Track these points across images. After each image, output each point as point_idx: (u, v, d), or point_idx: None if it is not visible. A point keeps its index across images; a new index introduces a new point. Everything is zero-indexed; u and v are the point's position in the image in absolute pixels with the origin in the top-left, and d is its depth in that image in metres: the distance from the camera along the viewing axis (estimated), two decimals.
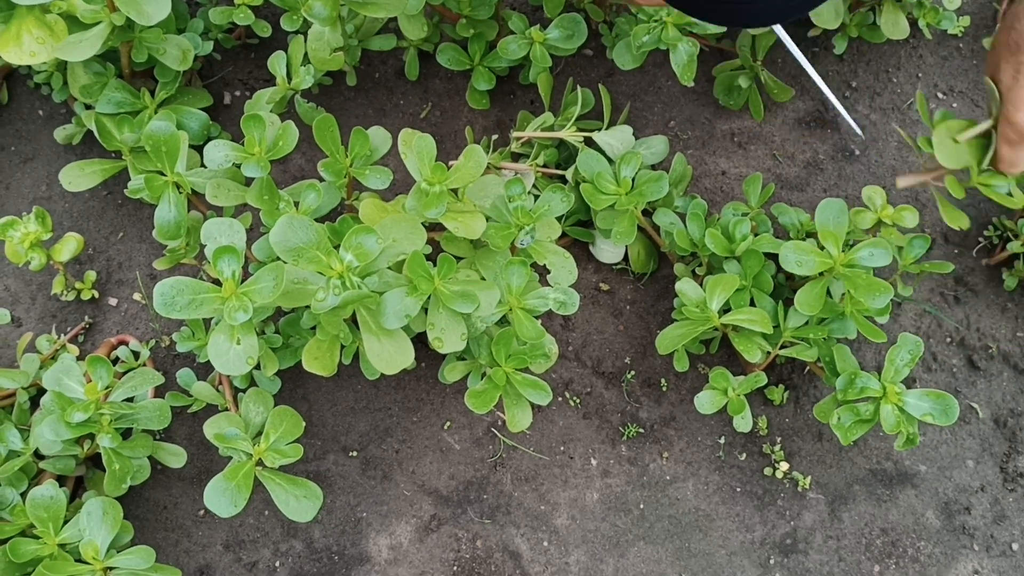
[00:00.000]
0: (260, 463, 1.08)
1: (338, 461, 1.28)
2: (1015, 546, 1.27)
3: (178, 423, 1.28)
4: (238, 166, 1.13)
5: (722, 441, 1.31)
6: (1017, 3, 0.98)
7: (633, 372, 1.33)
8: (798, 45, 1.50)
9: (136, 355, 1.27)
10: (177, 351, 1.27)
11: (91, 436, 1.10)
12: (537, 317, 1.28)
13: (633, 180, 1.23)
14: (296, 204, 1.15)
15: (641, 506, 1.27)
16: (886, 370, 1.13)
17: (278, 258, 1.00)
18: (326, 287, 0.99)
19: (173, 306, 0.99)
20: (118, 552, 1.03)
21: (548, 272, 1.18)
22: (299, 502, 1.08)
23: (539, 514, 1.26)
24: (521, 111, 1.41)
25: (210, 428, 1.11)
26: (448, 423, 1.30)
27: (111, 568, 1.02)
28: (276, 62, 1.32)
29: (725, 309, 1.20)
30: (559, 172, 1.30)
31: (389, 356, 1.05)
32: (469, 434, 1.30)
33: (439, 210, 1.09)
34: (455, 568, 1.23)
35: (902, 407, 1.11)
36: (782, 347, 1.21)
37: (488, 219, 1.15)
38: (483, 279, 1.14)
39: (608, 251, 1.37)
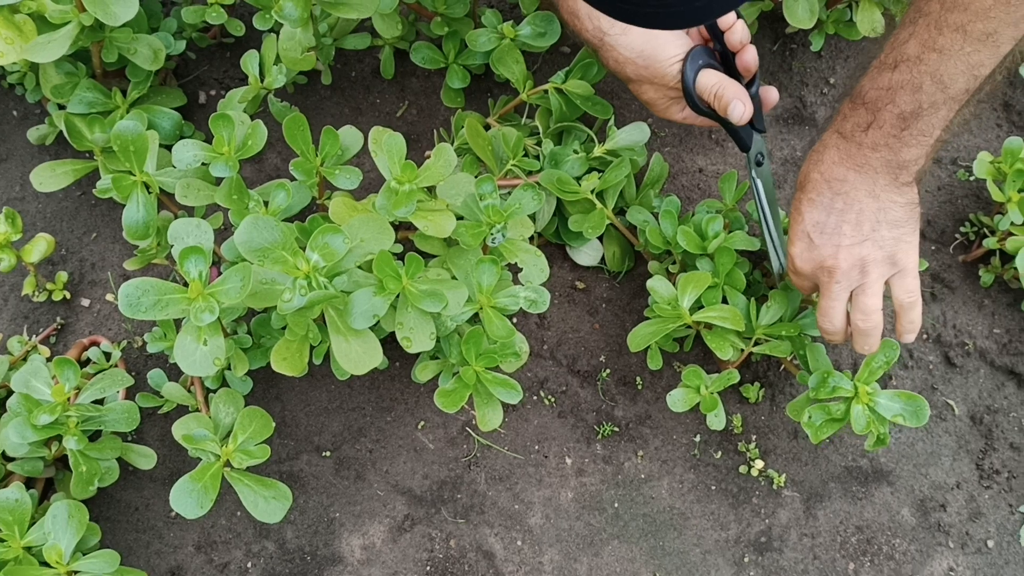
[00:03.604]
0: (228, 464, 1.07)
1: (311, 461, 1.27)
2: (990, 543, 1.26)
3: (150, 424, 1.27)
4: (207, 165, 1.13)
5: (697, 439, 1.30)
6: (819, 144, 1.07)
7: (608, 370, 1.33)
8: (775, 43, 1.51)
9: (108, 356, 1.27)
10: (150, 352, 1.27)
11: (59, 438, 1.10)
12: (511, 316, 1.28)
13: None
14: (266, 204, 1.15)
15: (616, 505, 1.27)
16: (861, 372, 1.12)
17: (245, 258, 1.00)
18: (292, 288, 0.98)
19: (138, 307, 0.98)
20: (84, 555, 1.03)
21: (520, 270, 1.17)
22: (268, 503, 1.08)
23: (513, 513, 1.26)
24: (502, 96, 1.42)
25: (179, 429, 1.10)
26: (422, 423, 1.29)
27: (75, 572, 1.01)
28: (249, 61, 1.31)
29: (699, 306, 1.19)
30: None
31: (357, 356, 1.04)
32: (443, 433, 1.29)
33: (409, 209, 1.09)
34: (428, 568, 1.23)
35: (873, 408, 1.10)
36: (756, 344, 1.20)
37: (461, 218, 1.15)
38: (454, 278, 1.14)
39: (585, 253, 1.36)
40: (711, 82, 1.07)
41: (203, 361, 1.00)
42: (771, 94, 1.13)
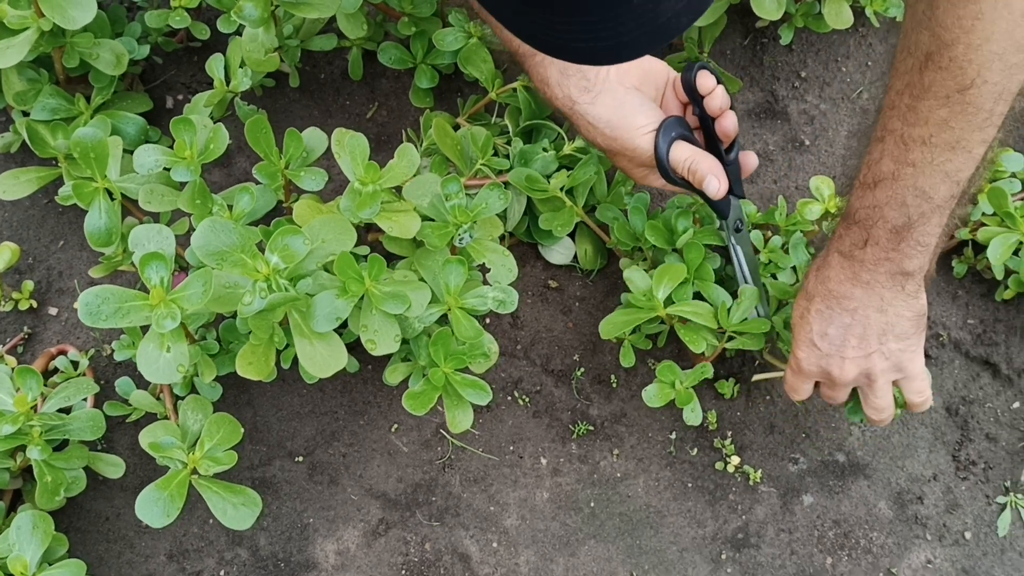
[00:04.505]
0: (196, 471, 1.06)
1: (284, 467, 1.26)
2: (968, 535, 1.26)
3: (120, 432, 1.26)
4: (169, 170, 1.12)
5: (673, 437, 1.29)
6: (814, 259, 1.08)
7: (583, 369, 1.32)
8: (745, 37, 1.50)
9: (75, 365, 1.25)
10: (118, 360, 1.25)
11: (24, 448, 1.08)
12: (483, 316, 1.27)
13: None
14: (231, 208, 1.14)
15: (592, 504, 1.26)
16: None
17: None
18: (252, 290, 0.97)
19: (98, 315, 0.97)
20: (50, 565, 1.02)
21: (489, 271, 1.16)
22: (237, 510, 1.07)
23: (488, 515, 1.25)
24: (472, 96, 1.41)
25: (145, 437, 1.10)
26: (396, 425, 1.28)
27: None
28: (214, 64, 1.30)
29: (672, 300, 1.19)
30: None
31: (322, 359, 1.03)
32: (417, 436, 1.28)
33: (373, 210, 1.08)
34: (404, 572, 1.22)
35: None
36: (729, 339, 1.20)
37: (428, 218, 1.14)
38: (422, 280, 1.13)
39: (557, 252, 1.36)
40: (684, 156, 1.05)
41: (167, 368, 0.99)
42: (750, 159, 1.12)
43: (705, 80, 1.05)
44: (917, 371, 1.08)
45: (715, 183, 1.05)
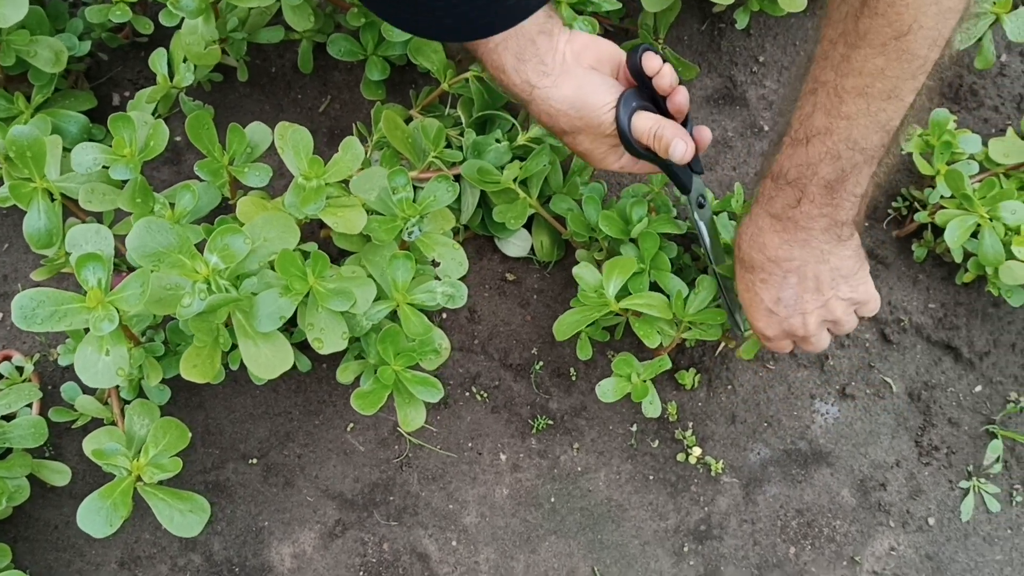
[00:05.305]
0: (141, 479, 1.03)
1: (238, 469, 1.24)
2: (931, 520, 1.25)
3: (68, 439, 1.23)
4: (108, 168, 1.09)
5: (634, 429, 1.28)
6: (742, 226, 1.06)
7: (541, 363, 1.30)
8: (703, 23, 1.48)
9: (20, 370, 1.22)
10: (63, 365, 1.22)
11: None
12: (435, 311, 1.25)
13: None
14: (173, 206, 1.11)
15: (552, 499, 1.24)
16: None
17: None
18: (192, 292, 0.94)
19: (33, 319, 0.94)
20: None
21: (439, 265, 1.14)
22: (184, 517, 1.04)
23: (447, 513, 1.23)
24: (425, 87, 1.38)
25: (89, 444, 1.07)
26: (352, 424, 1.26)
27: None
28: (157, 59, 1.27)
29: (627, 293, 1.17)
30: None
31: (267, 360, 1.01)
32: (374, 435, 1.26)
33: (318, 205, 1.05)
34: (361, 573, 1.20)
35: None
36: (687, 329, 1.18)
37: (376, 212, 1.12)
38: (370, 276, 1.10)
39: (514, 244, 1.34)
40: (648, 125, 1.03)
41: (105, 372, 0.96)
42: (704, 134, 1.10)
43: (651, 61, 1.03)
44: (871, 295, 1.07)
45: (681, 146, 1.03)
